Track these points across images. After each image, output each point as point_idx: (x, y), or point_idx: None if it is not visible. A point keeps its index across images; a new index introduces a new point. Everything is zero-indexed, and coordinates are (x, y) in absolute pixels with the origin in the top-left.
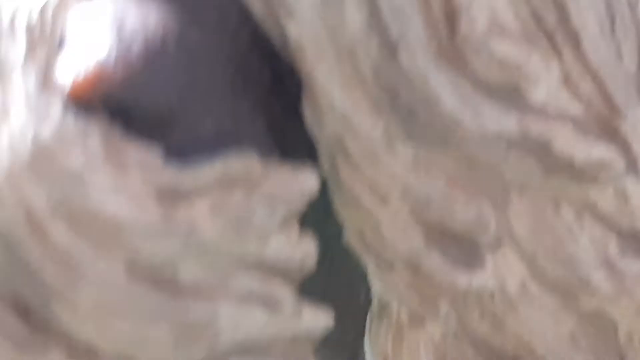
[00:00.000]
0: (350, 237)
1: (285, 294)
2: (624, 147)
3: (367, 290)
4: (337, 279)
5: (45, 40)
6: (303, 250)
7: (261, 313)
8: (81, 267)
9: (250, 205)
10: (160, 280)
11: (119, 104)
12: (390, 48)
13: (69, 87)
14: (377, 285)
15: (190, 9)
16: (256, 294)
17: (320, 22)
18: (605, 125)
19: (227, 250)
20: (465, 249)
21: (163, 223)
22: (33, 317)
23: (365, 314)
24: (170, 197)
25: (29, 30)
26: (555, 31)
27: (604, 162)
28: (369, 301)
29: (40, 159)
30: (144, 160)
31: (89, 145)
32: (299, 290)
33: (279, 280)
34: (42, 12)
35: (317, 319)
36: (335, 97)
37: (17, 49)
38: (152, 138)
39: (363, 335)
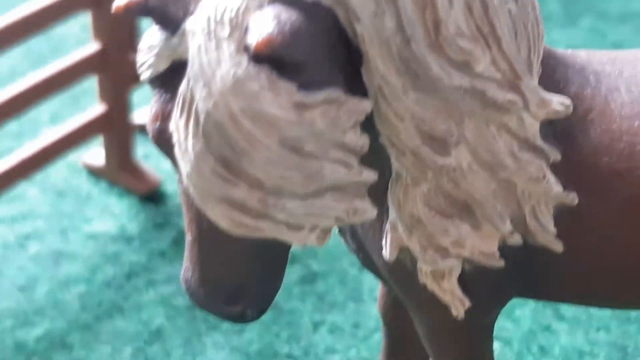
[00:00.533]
0: (384, 140)
1: (355, 161)
2: (522, 95)
3: (390, 167)
4: (377, 161)
5: (238, 26)
6: (363, 141)
7: (344, 169)
8: (251, 141)
9: (339, 114)
10: (294, 149)
11: (277, 58)
12: (406, 41)
13: (253, 47)
14: (395, 164)
15: (308, 13)
16: (342, 160)
17: (372, 24)
18: (513, 84)
19: (327, 136)
20: (441, 145)
21: (297, 119)
22: (230, 167)
23: (389, 180)
24: (300, 107)
25: (230, 20)
26: (487, 36)
27: (512, 102)
28: (390, 173)
29: (237, 86)
30: (287, 88)
31: (261, 79)
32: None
33: (352, 154)
34: (237, 11)
35: (369, 174)
36: (379, 66)
37: (224, 31)
38: (292, 77)
39: (387, 191)
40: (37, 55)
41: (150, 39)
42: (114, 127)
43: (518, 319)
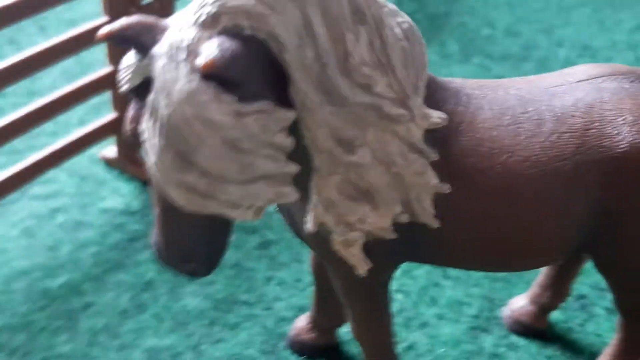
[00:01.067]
0: (307, 141)
1: (282, 157)
2: (410, 110)
3: (311, 162)
4: (302, 157)
5: (192, 52)
6: (289, 142)
7: (272, 163)
8: (200, 140)
9: (268, 121)
10: (233, 146)
11: (219, 76)
12: (323, 67)
13: (200, 67)
14: (315, 160)
15: (245, 43)
16: (271, 155)
17: (296, 54)
18: (403, 102)
19: (259, 137)
20: (349, 147)
21: (236, 123)
22: (185, 159)
23: (310, 172)
24: (238, 114)
25: (187, 47)
26: (385, 65)
27: (402, 115)
28: (311, 166)
29: (190, 97)
30: (228, 99)
31: (208, 93)
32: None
33: (280, 151)
34: (192, 40)
35: (292, 167)
36: (302, 86)
37: (181, 55)
38: (231, 91)
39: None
40: (71, 71)
41: (128, 60)
42: (123, 129)
43: (415, 277)
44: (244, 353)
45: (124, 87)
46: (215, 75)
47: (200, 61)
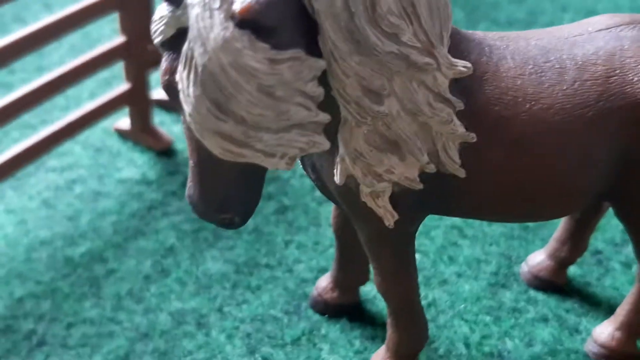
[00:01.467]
0: (335, 92)
1: (313, 106)
2: (436, 59)
3: (339, 113)
4: (330, 107)
5: (225, 1)
6: (320, 91)
7: (305, 111)
8: (236, 87)
9: (301, 68)
10: (268, 93)
11: (254, 23)
12: (351, 16)
13: (236, 14)
14: (343, 111)
15: None
16: (304, 104)
17: (325, 3)
18: (429, 51)
19: (293, 85)
20: (377, 96)
21: (270, 70)
22: (221, 107)
23: (339, 123)
24: (272, 61)
25: None
26: (411, 14)
27: (428, 64)
28: (340, 118)
29: (225, 45)
30: (263, 47)
31: (243, 40)
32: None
33: (311, 100)
34: None
35: (324, 116)
36: (331, 35)
37: (216, 3)
38: (266, 39)
39: (337, 132)
40: (79, 47)
41: (161, 12)
42: (137, 100)
43: (433, 237)
44: (268, 313)
45: (157, 39)
46: (251, 22)
47: (237, 7)
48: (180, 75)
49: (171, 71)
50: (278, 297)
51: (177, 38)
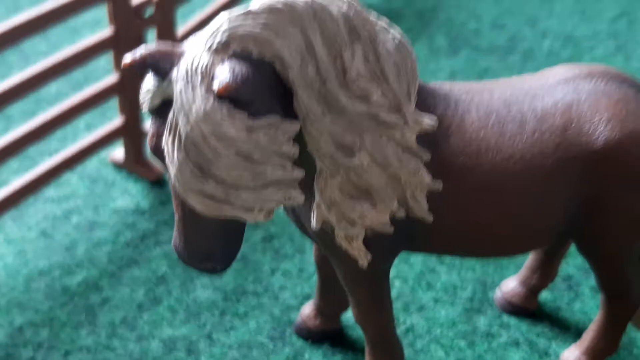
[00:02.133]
0: (310, 148)
1: (289, 164)
2: (403, 116)
3: (315, 166)
4: (306, 162)
5: (207, 75)
6: (294, 150)
7: (281, 170)
8: (216, 153)
9: (276, 133)
10: (246, 157)
11: (232, 98)
12: (323, 82)
13: (216, 91)
14: (318, 164)
15: (254, 66)
16: (279, 164)
17: (299, 72)
18: (397, 109)
19: (269, 148)
20: (349, 151)
21: (248, 137)
22: (203, 170)
23: (314, 175)
24: (250, 129)
25: (202, 72)
26: (379, 77)
27: (396, 121)
28: (315, 170)
29: (206, 116)
30: (240, 116)
31: (222, 111)
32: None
33: (287, 159)
34: (206, 64)
35: (299, 173)
36: (305, 99)
37: (197, 79)
38: (243, 109)
39: (313, 182)
40: (76, 80)
41: (148, 83)
42: (131, 133)
43: (412, 264)
44: (255, 340)
45: (145, 108)
46: (229, 96)
47: (215, 85)
48: (166, 141)
49: (158, 135)
50: (264, 323)
51: (163, 107)
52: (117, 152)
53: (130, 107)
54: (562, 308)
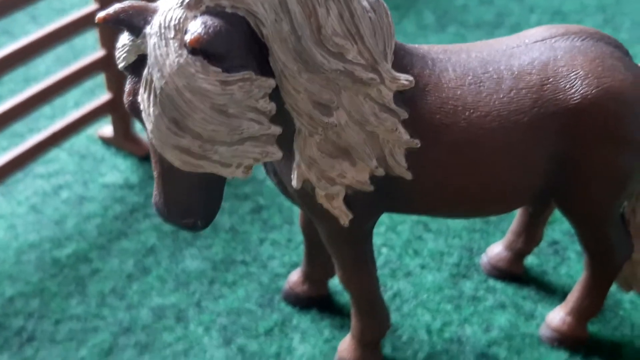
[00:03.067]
0: (288, 106)
1: (265, 120)
2: (379, 74)
3: (294, 124)
4: (285, 120)
5: (180, 30)
6: (271, 107)
7: (257, 125)
8: (191, 107)
9: (251, 88)
10: (221, 111)
11: (204, 50)
12: (298, 39)
13: (188, 43)
14: (296, 123)
15: (227, 20)
16: (255, 119)
17: (274, 28)
18: (373, 67)
19: (244, 103)
20: (326, 109)
21: (222, 91)
22: (178, 125)
23: (294, 133)
24: (224, 83)
25: (175, 26)
26: (355, 35)
27: (372, 79)
28: (294, 128)
29: (180, 70)
30: (214, 70)
31: (196, 65)
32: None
33: (263, 115)
34: (179, 19)
35: (276, 129)
36: (280, 56)
37: (170, 33)
38: (217, 63)
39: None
40: (64, 59)
41: (123, 40)
42: (118, 109)
43: (399, 232)
44: (243, 307)
45: (121, 65)
46: (201, 50)
47: (187, 37)
48: (142, 97)
49: (134, 93)
50: (253, 291)
51: (138, 63)
52: (106, 128)
53: (118, 84)
54: (548, 272)
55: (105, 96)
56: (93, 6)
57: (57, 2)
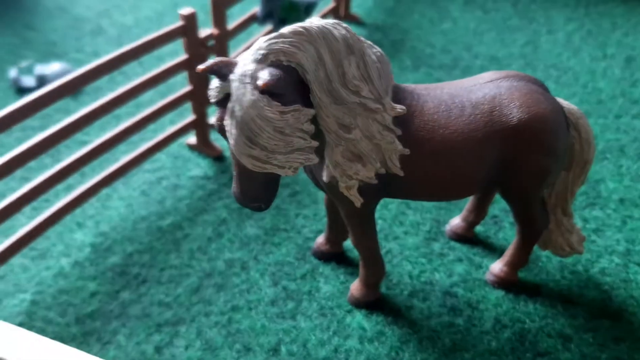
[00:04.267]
0: (322, 127)
1: (308, 137)
2: (383, 105)
3: (325, 139)
4: (320, 136)
5: (254, 77)
6: (312, 128)
7: (303, 140)
8: (261, 129)
9: (299, 116)
10: (280, 132)
11: (270, 92)
12: (329, 82)
13: (259, 86)
14: (327, 138)
15: (285, 70)
16: (302, 137)
17: (314, 75)
18: (378, 100)
19: (295, 126)
20: (347, 129)
21: (281, 118)
22: (251, 141)
23: (325, 144)
24: (282, 113)
25: (250, 75)
26: (367, 79)
27: (378, 108)
28: (325, 141)
29: (253, 105)
30: (276, 105)
31: (264, 101)
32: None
33: (307, 134)
34: (253, 71)
35: (315, 143)
36: (317, 93)
37: (247, 79)
38: (278, 100)
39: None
40: (160, 91)
41: (215, 83)
42: (200, 126)
43: (389, 209)
44: (285, 260)
45: (213, 100)
46: (267, 91)
47: (259, 82)
48: (227, 122)
49: (221, 119)
50: (291, 249)
51: (224, 99)
52: (191, 138)
53: (200, 109)
54: (491, 237)
55: (191, 117)
56: (184, 56)
57: (157, 52)
